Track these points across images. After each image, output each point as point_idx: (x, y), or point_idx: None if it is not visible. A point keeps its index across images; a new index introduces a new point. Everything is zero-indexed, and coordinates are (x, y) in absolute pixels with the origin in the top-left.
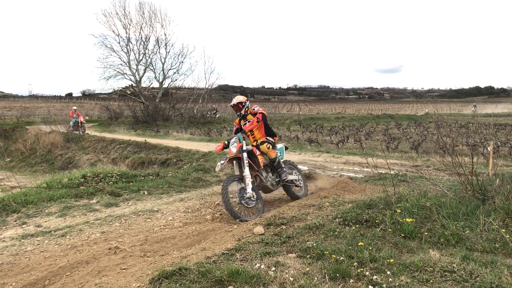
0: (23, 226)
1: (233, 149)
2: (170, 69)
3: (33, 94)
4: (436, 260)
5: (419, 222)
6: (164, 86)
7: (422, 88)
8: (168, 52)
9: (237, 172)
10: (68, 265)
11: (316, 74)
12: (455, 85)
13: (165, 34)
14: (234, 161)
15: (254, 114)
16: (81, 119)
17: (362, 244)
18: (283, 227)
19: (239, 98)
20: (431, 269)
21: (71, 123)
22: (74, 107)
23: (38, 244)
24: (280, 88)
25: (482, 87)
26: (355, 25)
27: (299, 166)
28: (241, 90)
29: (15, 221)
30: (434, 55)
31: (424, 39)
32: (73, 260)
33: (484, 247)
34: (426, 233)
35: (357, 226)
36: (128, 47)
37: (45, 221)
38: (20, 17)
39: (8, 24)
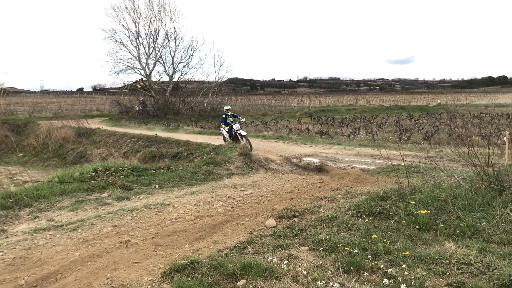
0: (35, 220)
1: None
2: (179, 62)
3: (45, 90)
4: (452, 252)
5: (434, 213)
6: (174, 79)
7: (434, 79)
8: (178, 46)
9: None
10: (80, 259)
11: (326, 66)
12: (467, 75)
13: (174, 28)
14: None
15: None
16: None
17: (376, 236)
18: (295, 219)
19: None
20: (447, 261)
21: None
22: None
23: (50, 238)
24: (290, 80)
25: (495, 76)
26: (365, 16)
27: (310, 158)
28: (251, 83)
29: (27, 215)
30: (446, 45)
31: (436, 29)
32: (85, 254)
33: (501, 239)
34: (441, 225)
35: (370, 218)
36: (137, 41)
37: (57, 215)
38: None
39: (20, 21)
